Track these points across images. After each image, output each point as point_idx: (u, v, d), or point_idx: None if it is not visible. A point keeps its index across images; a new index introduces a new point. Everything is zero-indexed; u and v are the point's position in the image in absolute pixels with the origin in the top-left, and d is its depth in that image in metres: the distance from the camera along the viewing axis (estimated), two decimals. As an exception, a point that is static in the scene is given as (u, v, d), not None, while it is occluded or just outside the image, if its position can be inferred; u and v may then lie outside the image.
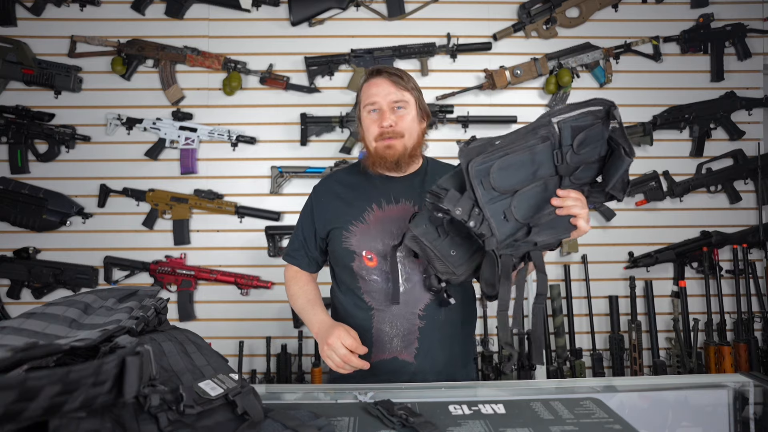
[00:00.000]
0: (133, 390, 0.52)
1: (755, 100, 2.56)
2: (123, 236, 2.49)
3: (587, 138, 1.00)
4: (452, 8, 2.58)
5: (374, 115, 1.31)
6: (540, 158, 1.01)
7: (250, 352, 2.47)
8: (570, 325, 2.47)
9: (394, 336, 1.27)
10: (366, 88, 1.34)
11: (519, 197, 1.00)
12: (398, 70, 1.34)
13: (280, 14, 2.55)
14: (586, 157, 1.02)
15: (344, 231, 1.31)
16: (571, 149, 1.01)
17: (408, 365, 1.27)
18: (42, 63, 2.45)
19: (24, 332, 0.67)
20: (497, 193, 0.99)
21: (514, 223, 1.01)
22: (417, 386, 1.11)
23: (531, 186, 1.01)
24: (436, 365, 1.28)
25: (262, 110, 2.54)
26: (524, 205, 1.01)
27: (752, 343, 2.39)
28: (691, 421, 1.12)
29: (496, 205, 0.99)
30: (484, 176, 0.97)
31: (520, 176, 1.00)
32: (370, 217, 1.30)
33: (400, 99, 1.30)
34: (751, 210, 2.60)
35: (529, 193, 1.01)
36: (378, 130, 1.30)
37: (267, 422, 0.72)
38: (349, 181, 1.39)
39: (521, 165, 1.00)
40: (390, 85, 1.31)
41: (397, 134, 1.29)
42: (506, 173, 0.99)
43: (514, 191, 1.00)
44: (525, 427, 0.82)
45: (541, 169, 1.02)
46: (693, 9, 2.60)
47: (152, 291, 0.87)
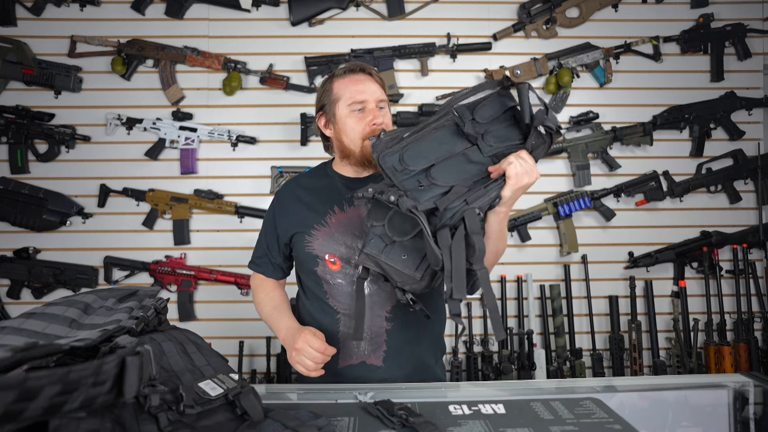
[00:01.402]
0: (133, 390, 0.52)
1: (755, 100, 2.56)
2: (123, 236, 2.49)
3: (487, 106, 1.06)
4: (452, 8, 2.58)
5: (359, 113, 1.27)
6: (450, 138, 1.06)
7: (250, 352, 2.47)
8: (570, 325, 2.47)
9: (362, 340, 1.24)
10: (348, 84, 1.28)
11: (437, 167, 1.03)
12: (376, 70, 1.34)
13: (280, 14, 2.55)
14: (493, 125, 1.06)
15: (306, 235, 1.28)
16: (473, 120, 1.05)
17: (376, 369, 1.24)
18: (42, 63, 2.45)
19: (24, 332, 0.67)
20: (413, 170, 1.02)
21: (434, 187, 1.00)
22: (417, 386, 1.11)
23: (449, 158, 1.04)
24: (405, 367, 1.25)
25: (262, 110, 2.54)
26: (443, 172, 1.02)
27: (752, 343, 2.39)
28: (691, 421, 1.12)
29: (411, 179, 1.02)
30: (395, 161, 1.02)
31: (432, 154, 1.04)
32: (332, 220, 1.28)
33: (383, 98, 1.29)
34: (751, 210, 2.60)
35: (448, 162, 1.04)
36: (368, 128, 1.26)
37: (267, 422, 0.72)
38: (311, 184, 1.37)
39: (432, 147, 1.04)
40: (373, 83, 1.29)
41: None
42: (419, 155, 1.03)
43: (431, 165, 1.03)
44: (525, 427, 0.82)
45: (456, 146, 1.05)
46: (693, 9, 2.60)
47: (152, 291, 0.87)
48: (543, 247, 2.56)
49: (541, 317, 2.49)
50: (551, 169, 2.56)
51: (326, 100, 1.32)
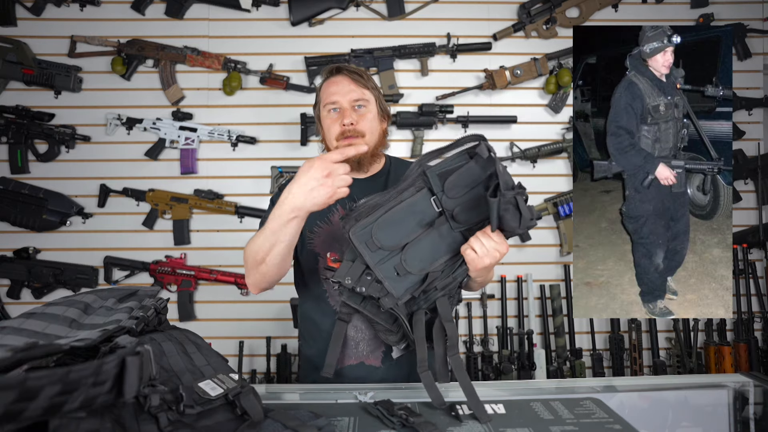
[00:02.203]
0: (133, 390, 0.52)
1: (755, 100, 2.56)
2: (123, 236, 2.49)
3: (458, 179, 0.99)
4: (452, 8, 2.58)
5: (334, 114, 1.27)
6: (419, 207, 1.00)
7: (250, 352, 2.47)
8: (570, 325, 2.47)
9: (360, 340, 1.23)
10: (325, 86, 1.29)
11: (409, 250, 0.99)
12: (358, 69, 1.32)
13: (280, 14, 2.55)
14: (463, 199, 0.99)
15: (308, 232, 1.27)
16: (443, 195, 0.99)
17: (375, 370, 1.24)
18: (42, 63, 2.45)
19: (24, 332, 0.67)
20: (386, 252, 0.99)
21: (410, 276, 0.99)
22: (417, 386, 1.11)
23: (420, 236, 1.00)
24: (404, 367, 1.24)
25: (262, 110, 2.54)
26: (417, 256, 0.99)
27: (752, 343, 2.39)
28: (691, 421, 1.12)
29: (387, 263, 0.99)
30: (368, 238, 0.98)
31: (403, 229, 1.00)
32: (335, 218, 1.27)
33: (360, 97, 1.27)
34: (751, 210, 2.60)
35: (421, 243, 1.00)
36: (339, 128, 1.25)
37: (267, 422, 0.72)
38: None
39: (402, 219, 1.00)
40: (350, 83, 1.27)
41: (359, 133, 1.25)
42: (388, 230, 0.99)
43: (403, 245, 0.99)
44: (525, 427, 0.82)
45: (425, 216, 1.01)
46: (693, 9, 2.60)
47: (152, 291, 0.87)
48: (543, 247, 2.56)
49: (541, 317, 2.49)
50: (551, 169, 2.57)
51: (315, 102, 1.35)
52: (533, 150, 2.52)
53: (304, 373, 1.37)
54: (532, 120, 2.57)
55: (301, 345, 1.40)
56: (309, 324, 1.32)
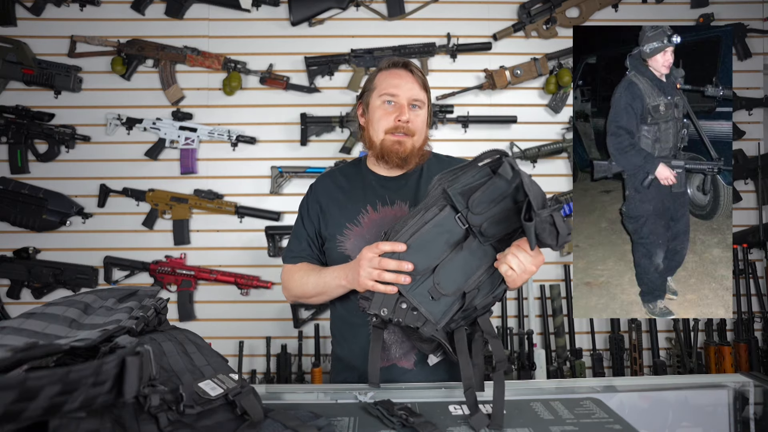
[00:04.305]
0: (133, 390, 0.52)
1: (755, 100, 2.56)
2: (123, 236, 2.49)
3: (484, 196, 0.97)
4: (452, 8, 2.58)
5: (389, 106, 1.27)
6: (445, 227, 1.00)
7: (250, 352, 2.47)
8: (570, 325, 2.47)
9: (393, 343, 1.23)
10: (386, 76, 1.28)
11: (440, 271, 0.98)
12: (421, 69, 1.32)
13: (280, 14, 2.55)
14: (490, 213, 0.98)
15: (338, 235, 1.28)
16: (468, 211, 0.98)
17: (407, 372, 1.24)
18: (42, 63, 2.45)
19: (24, 332, 0.67)
20: (417, 276, 0.99)
21: (445, 298, 0.98)
22: (417, 386, 1.11)
23: (450, 255, 0.99)
24: (437, 372, 1.24)
25: (262, 110, 2.54)
26: (450, 277, 0.98)
27: (752, 343, 2.39)
28: (691, 421, 1.12)
29: (420, 288, 0.99)
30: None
31: (432, 251, 0.99)
32: (365, 220, 1.27)
33: (418, 98, 1.28)
34: (751, 210, 2.60)
35: (452, 263, 0.99)
36: (393, 123, 1.25)
37: (267, 422, 0.72)
38: (345, 180, 1.36)
39: (429, 241, 1.00)
40: (413, 81, 1.28)
41: (411, 132, 1.26)
42: (416, 254, 0.99)
43: (434, 267, 0.99)
44: (525, 427, 0.82)
45: (452, 235, 1.00)
46: (693, 9, 2.60)
47: (152, 291, 0.87)
48: (543, 247, 2.56)
49: (541, 317, 2.49)
50: (551, 169, 2.57)
51: (366, 88, 1.33)
52: (533, 150, 2.52)
53: (335, 371, 1.38)
54: (532, 120, 2.57)
55: (333, 344, 1.41)
56: (340, 324, 1.32)
